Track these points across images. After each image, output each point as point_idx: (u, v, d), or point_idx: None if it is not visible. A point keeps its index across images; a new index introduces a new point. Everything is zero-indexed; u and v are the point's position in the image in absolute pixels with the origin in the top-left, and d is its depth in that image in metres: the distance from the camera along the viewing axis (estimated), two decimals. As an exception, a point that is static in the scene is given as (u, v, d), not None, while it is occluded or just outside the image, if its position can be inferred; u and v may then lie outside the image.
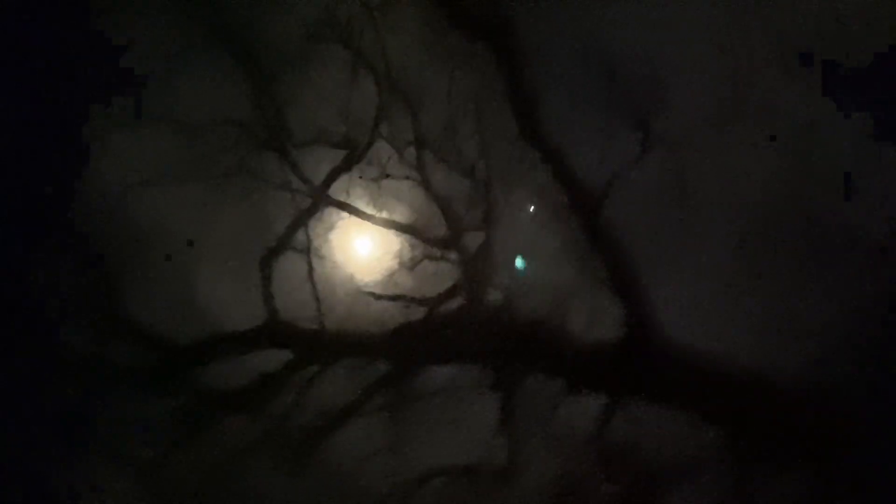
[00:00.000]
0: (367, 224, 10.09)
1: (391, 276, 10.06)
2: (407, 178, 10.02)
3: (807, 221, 9.18)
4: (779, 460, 9.26)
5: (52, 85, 8.86)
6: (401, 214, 10.10)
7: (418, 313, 10.04)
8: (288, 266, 9.99)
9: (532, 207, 9.93)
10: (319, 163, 9.94)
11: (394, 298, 10.02)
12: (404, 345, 9.92)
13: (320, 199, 9.96)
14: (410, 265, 10.06)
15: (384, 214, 10.08)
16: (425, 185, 9.98)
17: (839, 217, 9.05)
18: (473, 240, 10.08)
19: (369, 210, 10.04)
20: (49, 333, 9.25)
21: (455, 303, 10.04)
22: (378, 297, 9.99)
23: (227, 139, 9.66)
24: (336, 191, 10.01)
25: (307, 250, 9.99)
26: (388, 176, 9.96)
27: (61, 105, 8.93)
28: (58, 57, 8.92)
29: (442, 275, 10.09)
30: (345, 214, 10.04)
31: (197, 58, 9.45)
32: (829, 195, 9.06)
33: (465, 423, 9.82)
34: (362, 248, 10.22)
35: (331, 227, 10.06)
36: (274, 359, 9.89)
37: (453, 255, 10.09)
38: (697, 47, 9.12)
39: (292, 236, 9.96)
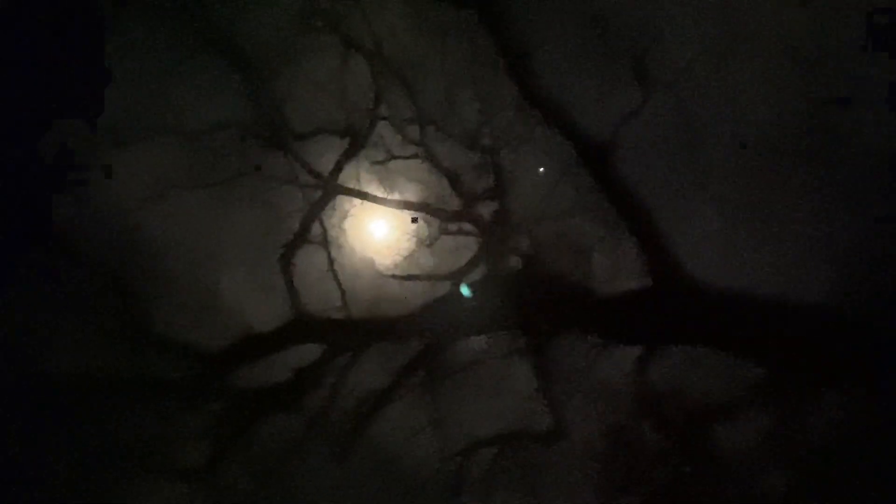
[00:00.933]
0: (380, 207, 10.10)
1: (411, 256, 10.04)
2: (414, 156, 9.97)
3: (817, 143, 9.14)
4: (818, 385, 9.25)
5: (55, 109, 9.12)
6: (413, 193, 10.09)
7: (442, 289, 10.07)
8: (307, 260, 10.02)
9: (542, 169, 9.98)
10: (325, 153, 9.94)
11: (416, 278, 10.02)
12: (432, 322, 9.94)
13: (331, 189, 9.97)
14: (429, 242, 10.05)
15: (396, 196, 10.07)
16: (432, 160, 9.95)
17: (851, 136, 9.01)
18: (487, 208, 10.09)
19: (381, 193, 10.05)
20: (79, 357, 9.28)
21: (478, 273, 10.07)
22: (400, 278, 9.98)
23: (230, 142, 9.69)
24: (345, 178, 10.02)
25: (325, 241, 10.01)
26: (394, 157, 9.95)
27: (66, 129, 9.14)
28: (55, 78, 9.09)
29: (461, 248, 10.09)
30: (357, 201, 10.06)
31: (190, 65, 9.55)
32: (839, 115, 9.03)
33: (505, 391, 9.90)
34: (379, 232, 10.22)
35: (345, 216, 10.08)
36: (306, 353, 9.97)
37: (469, 227, 10.09)
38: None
39: (308, 230, 9.97)
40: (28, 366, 9.06)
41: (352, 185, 10.03)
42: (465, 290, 9.80)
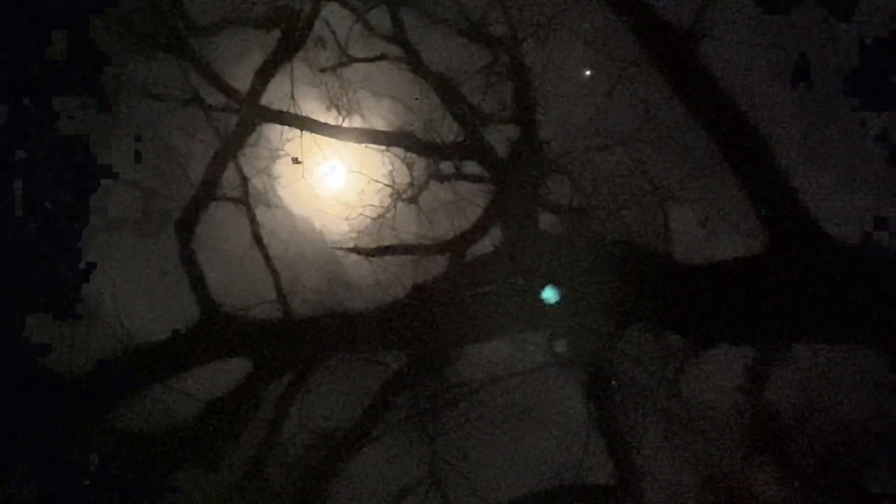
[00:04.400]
0: (330, 141, 8.07)
1: (381, 218, 8.11)
2: (383, 56, 8.00)
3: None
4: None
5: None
6: (381, 117, 8.22)
7: (432, 268, 8.00)
8: (219, 228, 8.19)
9: (588, 71, 8.04)
10: (240, 57, 8.13)
11: (390, 252, 8.05)
12: (418, 321, 7.82)
13: (250, 114, 7.97)
14: (410, 195, 8.09)
15: (355, 122, 8.16)
16: (413, 62, 7.92)
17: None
18: (503, 137, 7.95)
19: (331, 119, 8.07)
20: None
21: (490, 241, 7.94)
22: (365, 253, 8.07)
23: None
24: (273, 97, 8.05)
25: (244, 198, 8.06)
26: (352, 59, 8.05)
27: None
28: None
29: (461, 202, 8.08)
30: (293, 133, 8.05)
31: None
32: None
33: (541, 426, 7.74)
34: (329, 180, 8.32)
35: (274, 157, 8.12)
36: (222, 375, 7.87)
37: (474, 168, 8.04)
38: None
39: (217, 180, 8.00)
40: None
41: (283, 106, 8.07)
42: (548, 294, 7.56)
